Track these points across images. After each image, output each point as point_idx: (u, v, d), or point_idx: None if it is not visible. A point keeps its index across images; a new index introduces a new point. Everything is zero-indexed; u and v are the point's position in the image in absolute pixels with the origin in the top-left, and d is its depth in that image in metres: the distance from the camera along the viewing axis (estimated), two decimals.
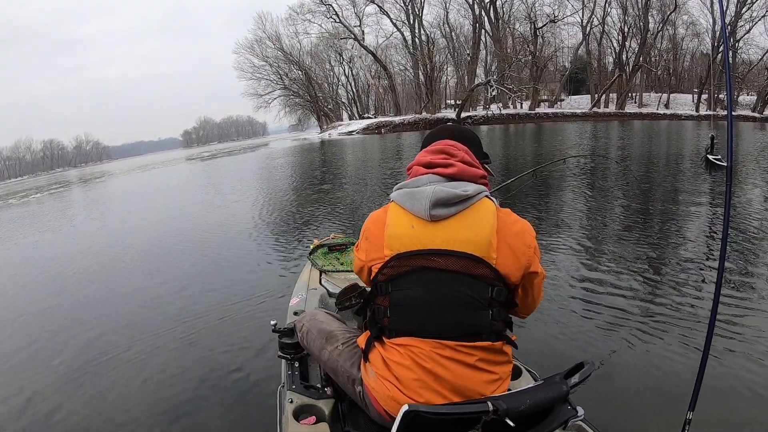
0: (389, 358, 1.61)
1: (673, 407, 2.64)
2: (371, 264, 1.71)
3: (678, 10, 52.41)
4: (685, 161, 14.45)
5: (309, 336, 2.05)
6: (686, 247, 6.01)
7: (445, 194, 1.60)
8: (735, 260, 5.29)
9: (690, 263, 5.38)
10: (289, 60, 59.34)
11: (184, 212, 11.97)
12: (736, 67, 51.65)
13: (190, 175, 26.73)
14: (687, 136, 26.13)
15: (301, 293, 3.15)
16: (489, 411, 1.37)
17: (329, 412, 1.86)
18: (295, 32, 58.76)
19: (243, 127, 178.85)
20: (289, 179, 17.47)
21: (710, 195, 9.28)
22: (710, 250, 5.89)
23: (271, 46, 58.94)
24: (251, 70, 59.79)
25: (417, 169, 1.76)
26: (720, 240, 2.21)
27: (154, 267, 6.79)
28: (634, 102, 58.14)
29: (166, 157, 66.46)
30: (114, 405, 3.24)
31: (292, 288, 3.51)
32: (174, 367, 3.66)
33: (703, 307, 4.09)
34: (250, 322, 4.34)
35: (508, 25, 57.02)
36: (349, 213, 9.32)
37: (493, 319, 1.59)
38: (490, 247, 1.57)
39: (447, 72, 64.12)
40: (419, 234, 1.61)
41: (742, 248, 5.74)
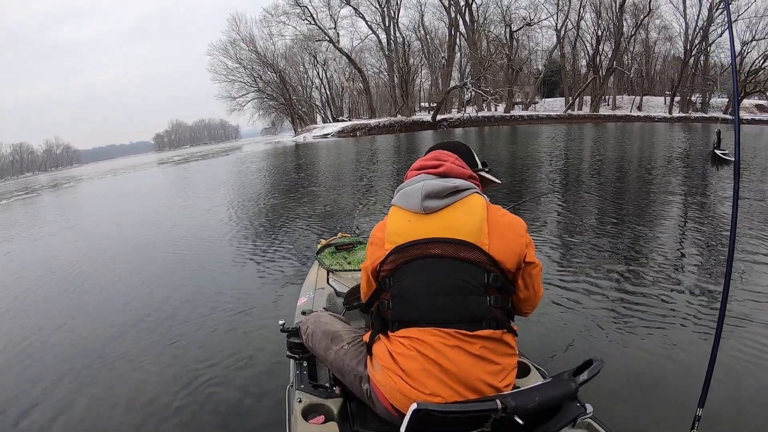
0: (394, 350, 1.62)
1: (682, 404, 2.60)
2: (375, 264, 1.74)
3: (651, 15, 53.06)
4: (686, 159, 14.85)
5: (314, 338, 2.07)
6: (695, 243, 6.10)
7: (435, 187, 1.70)
8: (745, 254, 5.29)
9: (699, 258, 5.46)
10: (264, 62, 58.41)
11: (180, 216, 11.51)
12: (707, 70, 52.60)
13: (170, 180, 25.59)
14: (675, 136, 26.57)
15: (309, 293, 3.18)
16: (498, 409, 1.36)
17: (338, 411, 1.85)
18: (269, 34, 57.98)
19: (216, 130, 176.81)
20: (279, 182, 16.97)
21: (717, 190, 9.58)
22: (719, 245, 5.88)
23: (245, 48, 58.16)
24: (225, 72, 58.91)
25: (411, 173, 1.90)
26: (728, 235, 2.16)
27: (156, 271, 6.52)
28: (608, 105, 58.76)
29: (139, 161, 65.07)
30: (123, 404, 3.22)
31: (300, 288, 3.54)
32: (182, 367, 3.63)
33: (712, 303, 4.09)
34: (258, 322, 4.32)
35: (484, 29, 57.03)
36: (346, 213, 9.23)
37: (492, 306, 1.59)
38: (481, 233, 1.62)
39: (422, 75, 64.07)
40: (415, 226, 1.68)
41: (752, 243, 5.74)
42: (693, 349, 3.37)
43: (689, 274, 4.97)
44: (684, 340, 3.53)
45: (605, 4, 54.09)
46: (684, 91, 53.35)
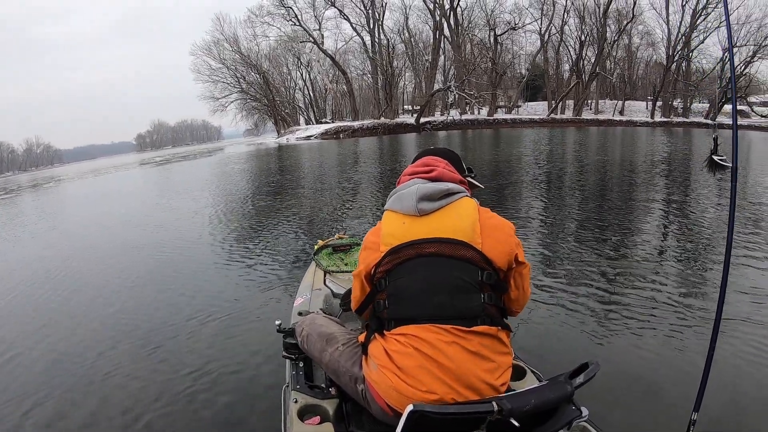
0: (390, 348, 1.63)
1: (678, 408, 2.63)
2: (370, 268, 1.76)
3: (634, 21, 53.22)
4: (676, 163, 15.40)
5: (309, 340, 2.08)
6: (691, 248, 6.12)
7: (429, 189, 1.77)
8: (741, 258, 5.33)
9: (696, 262, 5.56)
10: (247, 63, 57.56)
11: (167, 218, 11.14)
12: (689, 76, 53.04)
13: (153, 181, 24.74)
14: (660, 140, 26.85)
15: (306, 293, 3.19)
16: (494, 411, 1.37)
17: (333, 412, 1.85)
18: (253, 35, 57.26)
19: (198, 131, 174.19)
20: (266, 184, 16.64)
21: (713, 195, 9.60)
22: (715, 250, 5.91)
23: (228, 48, 57.16)
24: (208, 73, 57.83)
25: (404, 178, 1.96)
26: (725, 240, 2.14)
27: (147, 273, 6.36)
28: (590, 109, 58.78)
29: (120, 161, 63.50)
30: (117, 404, 3.18)
31: (297, 288, 3.57)
32: (178, 366, 3.60)
33: (708, 307, 4.12)
34: (254, 323, 4.32)
35: (468, 32, 56.93)
36: (335, 215, 9.25)
37: (486, 303, 1.63)
38: (474, 233, 1.68)
39: (405, 78, 63.64)
40: (410, 228, 1.72)
41: (749, 247, 5.79)
42: (689, 354, 3.39)
43: (685, 278, 5.01)
44: (680, 344, 3.57)
45: (589, 9, 54.30)
46: (666, 96, 53.57)
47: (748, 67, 48.58)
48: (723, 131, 18.14)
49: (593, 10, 54.07)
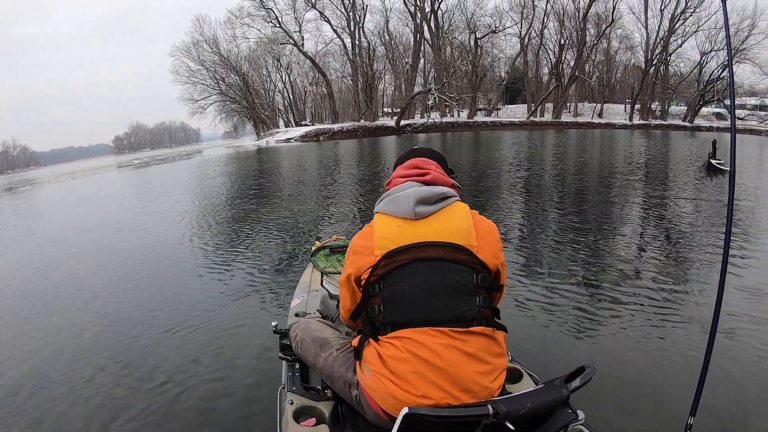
0: (384, 353, 1.61)
1: (674, 412, 2.62)
2: (361, 273, 1.74)
3: (613, 25, 53.41)
4: (670, 165, 15.57)
5: (303, 345, 2.07)
6: (688, 251, 6.14)
7: (426, 193, 1.75)
8: (738, 263, 5.33)
9: (692, 267, 5.52)
10: (227, 65, 56.64)
11: (152, 221, 10.64)
12: (667, 79, 53.56)
13: (133, 184, 23.71)
14: (642, 143, 27.24)
15: (303, 295, 3.17)
16: (489, 414, 1.37)
17: (329, 413, 1.85)
18: (233, 36, 56.30)
19: (176, 133, 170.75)
20: (252, 186, 16.01)
21: (705, 196, 9.80)
22: (712, 253, 5.89)
23: (208, 49, 56.14)
24: (187, 74, 56.64)
25: (396, 180, 1.92)
26: (722, 244, 2.11)
27: (143, 274, 6.20)
28: (569, 111, 58.93)
29: (98, 163, 61.75)
30: (111, 405, 3.14)
31: (294, 289, 3.53)
32: (173, 367, 3.55)
33: (705, 311, 4.10)
34: (250, 324, 4.24)
35: (448, 35, 56.72)
36: (330, 217, 9.17)
37: (481, 306, 1.63)
38: (470, 236, 1.68)
39: (385, 80, 63.02)
40: (406, 231, 1.70)
41: (745, 251, 5.83)
42: (685, 358, 3.38)
43: (682, 282, 5.00)
44: (676, 348, 3.55)
45: (569, 13, 54.39)
46: (644, 99, 54.02)
47: (725, 70, 48.98)
48: (700, 134, 19.39)
49: (573, 14, 54.28)
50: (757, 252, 5.73)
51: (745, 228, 6.95)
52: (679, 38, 51.70)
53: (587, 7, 52.65)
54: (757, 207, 8.51)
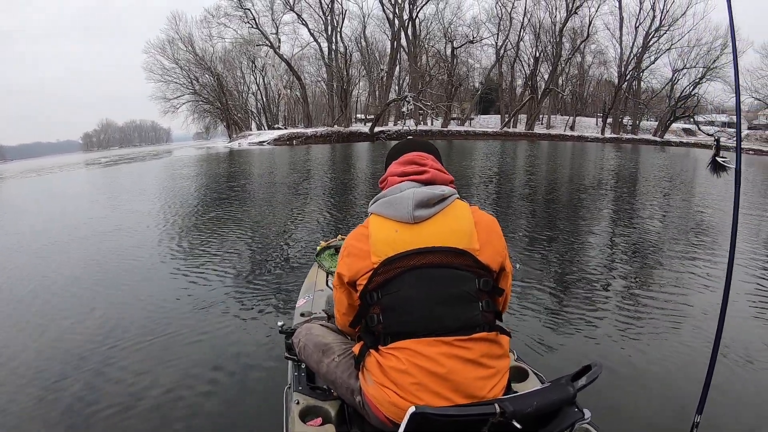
0: (386, 364, 1.56)
1: (680, 410, 2.62)
2: (357, 277, 1.65)
3: (588, 39, 53.72)
4: (662, 174, 16.77)
5: (306, 350, 2.00)
6: (694, 250, 6.33)
7: (425, 195, 1.65)
8: (744, 261, 5.58)
9: (698, 265, 5.63)
10: (201, 64, 54.52)
11: (156, 221, 9.90)
12: (639, 94, 54.19)
13: (107, 183, 22.18)
14: (619, 155, 28.37)
15: (308, 295, 3.17)
16: (496, 413, 1.35)
17: (335, 413, 1.83)
18: (209, 35, 54.30)
19: (146, 132, 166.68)
20: (238, 188, 15.25)
21: (715, 199, 10.49)
22: (718, 251, 6.05)
23: (183, 48, 53.91)
24: (160, 72, 54.19)
25: (392, 179, 1.79)
26: (729, 241, 2.16)
27: (144, 274, 6.06)
28: (542, 123, 58.87)
29: (66, 160, 59.63)
30: (117, 404, 3.09)
31: (299, 289, 3.58)
32: (180, 367, 3.51)
33: (711, 310, 4.12)
34: (257, 323, 4.22)
35: (425, 44, 56.14)
36: (324, 217, 9.20)
37: (484, 311, 1.57)
38: (472, 238, 1.60)
39: (359, 86, 61.62)
40: (404, 236, 1.61)
41: (751, 249, 6.12)
42: (691, 356, 3.38)
43: (688, 281, 5.08)
44: (683, 347, 3.56)
45: (545, 27, 54.45)
46: (616, 113, 54.35)
47: (697, 87, 50.12)
48: (670, 148, 19.25)
49: (549, 28, 54.38)
50: (762, 254, 5.94)
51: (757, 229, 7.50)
52: (652, 55, 52.55)
53: (564, 21, 52.93)
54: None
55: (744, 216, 8.20)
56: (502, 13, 55.15)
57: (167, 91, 55.20)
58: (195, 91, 55.97)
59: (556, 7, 53.42)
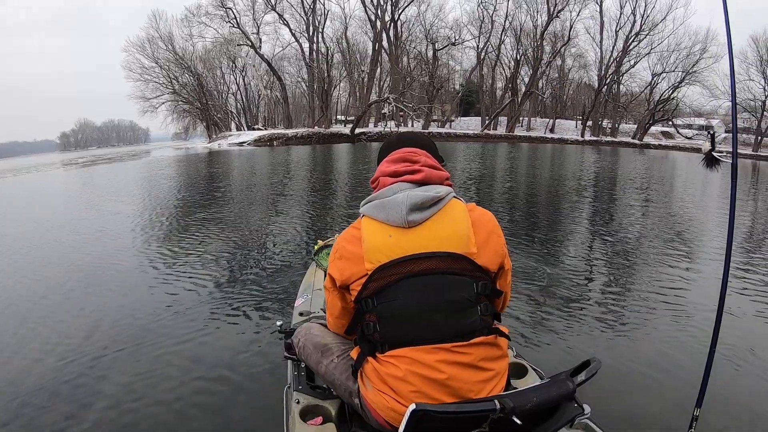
0: (384, 371, 1.52)
1: (680, 404, 2.63)
2: (349, 282, 1.60)
3: (569, 43, 53.83)
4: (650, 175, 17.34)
5: (305, 350, 1.98)
6: (692, 244, 6.59)
7: (419, 198, 1.56)
8: (742, 254, 5.78)
9: (696, 259, 5.80)
10: (181, 64, 53.37)
11: (147, 220, 9.61)
12: (619, 98, 54.42)
13: (88, 184, 20.53)
14: (605, 158, 28.06)
15: (307, 294, 3.17)
16: (496, 409, 1.34)
17: (336, 412, 1.82)
18: (189, 35, 53.26)
19: (125, 132, 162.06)
20: (228, 189, 14.73)
21: (710, 195, 11.29)
22: (715, 245, 6.25)
23: (162, 47, 52.76)
24: (140, 71, 52.86)
25: (384, 180, 1.71)
26: (726, 236, 2.18)
27: (146, 274, 5.76)
28: (521, 126, 58.71)
29: (42, 160, 57.77)
30: (117, 405, 2.99)
31: (298, 289, 3.56)
32: (180, 367, 3.44)
33: (709, 303, 4.08)
34: (255, 323, 4.12)
35: (406, 45, 55.63)
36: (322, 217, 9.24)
37: (482, 315, 1.53)
38: (469, 242, 1.53)
39: (340, 87, 60.90)
40: (398, 242, 1.54)
41: (748, 244, 6.41)
42: (690, 350, 3.39)
43: (686, 275, 5.11)
44: (681, 341, 3.57)
45: (526, 30, 54.28)
46: (596, 116, 54.33)
47: (676, 91, 50.49)
48: (649, 151, 19.11)
49: (530, 31, 54.21)
50: (760, 249, 6.14)
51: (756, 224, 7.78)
52: (632, 59, 52.71)
53: (545, 25, 52.82)
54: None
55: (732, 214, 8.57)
56: (484, 16, 55.03)
57: (146, 91, 53.93)
58: (174, 90, 54.64)
59: (538, 10, 53.35)
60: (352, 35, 56.28)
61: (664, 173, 19.76)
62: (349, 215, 8.92)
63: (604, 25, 52.95)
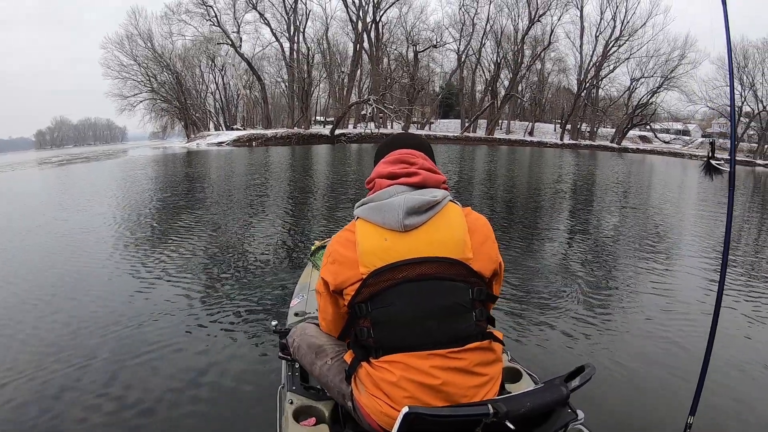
0: (378, 376, 1.50)
1: (674, 411, 2.59)
2: (343, 286, 1.56)
3: (549, 47, 53.66)
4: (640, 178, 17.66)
5: (300, 351, 1.95)
6: (688, 252, 6.50)
7: (416, 202, 1.52)
8: (741, 264, 5.81)
9: (692, 267, 5.75)
10: (160, 62, 51.80)
11: (134, 221, 9.17)
12: (597, 102, 54.73)
13: (70, 184, 19.21)
14: (595, 163, 28.08)
15: (302, 294, 3.14)
16: (489, 413, 1.33)
17: (329, 413, 1.81)
18: (169, 32, 51.51)
19: (101, 131, 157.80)
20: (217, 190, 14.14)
21: (709, 203, 10.95)
22: (712, 254, 6.23)
23: (142, 44, 51.00)
24: (118, 69, 51.03)
25: (380, 181, 1.65)
26: (722, 245, 2.18)
27: (136, 274, 5.56)
28: (501, 129, 58.24)
29: (18, 158, 56.98)
30: (110, 405, 2.91)
31: (293, 289, 3.59)
32: (173, 367, 3.36)
33: (704, 311, 4.10)
34: (250, 323, 4.03)
35: (387, 46, 54.79)
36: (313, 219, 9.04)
37: (477, 320, 1.51)
38: (465, 247, 1.50)
39: (320, 88, 59.57)
40: (394, 246, 1.50)
41: (744, 254, 6.36)
42: (685, 358, 3.36)
43: (681, 282, 5.12)
44: (676, 348, 3.54)
45: (506, 34, 53.85)
46: (575, 120, 54.18)
47: (654, 96, 50.89)
48: (627, 155, 18.71)
49: (510, 35, 53.86)
50: (755, 255, 6.25)
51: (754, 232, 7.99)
52: (611, 64, 52.75)
53: (526, 29, 52.46)
54: None
55: (718, 218, 8.71)
56: (465, 19, 54.39)
57: (124, 89, 52.07)
58: (153, 89, 53.00)
59: (519, 14, 52.93)
60: (332, 36, 55.10)
61: (648, 176, 20.04)
62: (340, 216, 8.72)
63: (585, 30, 52.79)
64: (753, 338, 3.71)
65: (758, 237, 8.11)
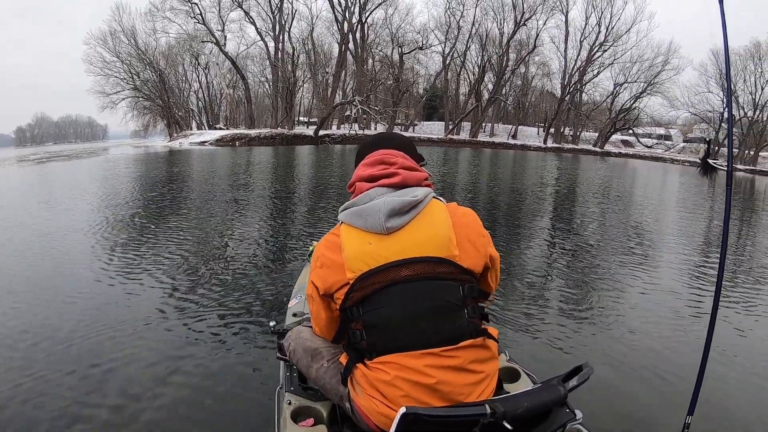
0: (373, 377, 1.48)
1: (672, 411, 2.59)
2: (332, 290, 1.54)
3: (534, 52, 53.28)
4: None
5: (296, 354, 1.93)
6: (685, 252, 6.52)
7: (397, 204, 1.50)
8: (735, 263, 5.80)
9: (689, 267, 5.76)
10: (143, 59, 50.33)
11: (125, 222, 8.65)
12: (581, 106, 54.64)
13: (53, 182, 18.46)
14: (584, 166, 28.16)
15: (301, 294, 3.08)
16: (487, 413, 1.32)
17: (327, 414, 1.79)
18: (153, 29, 50.19)
19: (82, 128, 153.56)
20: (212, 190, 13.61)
21: (705, 204, 11.17)
22: (709, 254, 6.29)
23: (125, 41, 49.60)
24: (100, 65, 49.56)
25: (360, 185, 1.64)
26: (719, 245, 2.17)
27: (135, 273, 5.33)
28: (484, 132, 57.72)
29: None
30: (109, 406, 2.84)
31: (292, 289, 3.52)
32: (170, 367, 3.27)
33: (702, 312, 4.15)
34: (248, 324, 3.96)
35: (372, 48, 54.07)
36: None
37: (470, 317, 1.48)
38: (450, 244, 1.48)
39: (303, 89, 58.65)
40: (378, 249, 1.48)
41: (742, 253, 6.47)
42: (683, 358, 3.34)
43: (680, 283, 5.11)
44: (674, 348, 3.52)
45: (492, 37, 53.36)
46: (558, 123, 53.96)
47: (637, 101, 50.91)
48: (610, 158, 18.04)
49: (496, 39, 53.38)
50: (751, 256, 6.29)
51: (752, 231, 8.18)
52: (595, 68, 52.65)
53: (511, 33, 51.93)
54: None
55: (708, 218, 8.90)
56: (451, 22, 53.83)
57: (106, 86, 50.43)
58: (135, 86, 51.32)
59: (504, 18, 52.33)
60: (318, 36, 54.15)
61: (639, 181, 20.23)
62: (332, 217, 8.38)
63: (569, 35, 52.59)
64: (750, 337, 3.72)
65: (752, 238, 8.15)
